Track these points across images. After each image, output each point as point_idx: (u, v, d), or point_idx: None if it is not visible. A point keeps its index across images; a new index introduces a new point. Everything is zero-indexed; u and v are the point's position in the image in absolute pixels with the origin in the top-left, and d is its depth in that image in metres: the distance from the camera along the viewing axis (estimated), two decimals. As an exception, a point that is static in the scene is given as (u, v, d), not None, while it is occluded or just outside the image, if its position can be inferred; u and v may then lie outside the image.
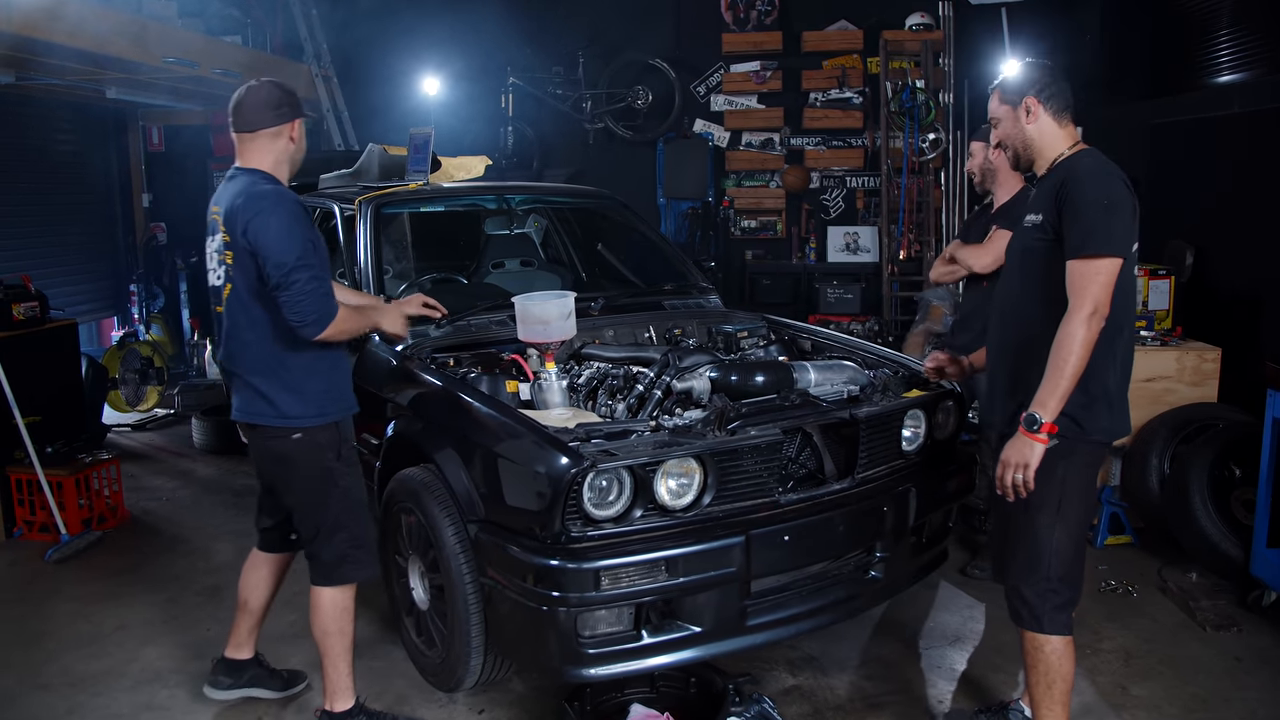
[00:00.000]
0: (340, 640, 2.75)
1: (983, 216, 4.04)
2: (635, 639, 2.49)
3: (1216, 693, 3.13)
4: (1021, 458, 2.30)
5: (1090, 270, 2.27)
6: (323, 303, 2.51)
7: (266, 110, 2.60)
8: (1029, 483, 2.31)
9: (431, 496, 2.72)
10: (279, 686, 3.11)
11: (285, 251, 2.47)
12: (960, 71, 7.42)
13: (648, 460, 2.42)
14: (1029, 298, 2.46)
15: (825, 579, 2.79)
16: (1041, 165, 2.51)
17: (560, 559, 2.35)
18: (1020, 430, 2.31)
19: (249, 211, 2.51)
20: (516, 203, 4.18)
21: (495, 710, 3.02)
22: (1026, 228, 2.48)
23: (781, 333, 3.68)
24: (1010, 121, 2.51)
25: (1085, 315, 2.25)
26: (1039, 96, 2.46)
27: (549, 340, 2.86)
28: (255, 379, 2.63)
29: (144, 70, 5.85)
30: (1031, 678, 2.55)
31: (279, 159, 2.64)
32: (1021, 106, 2.48)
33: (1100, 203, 2.30)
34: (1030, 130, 2.48)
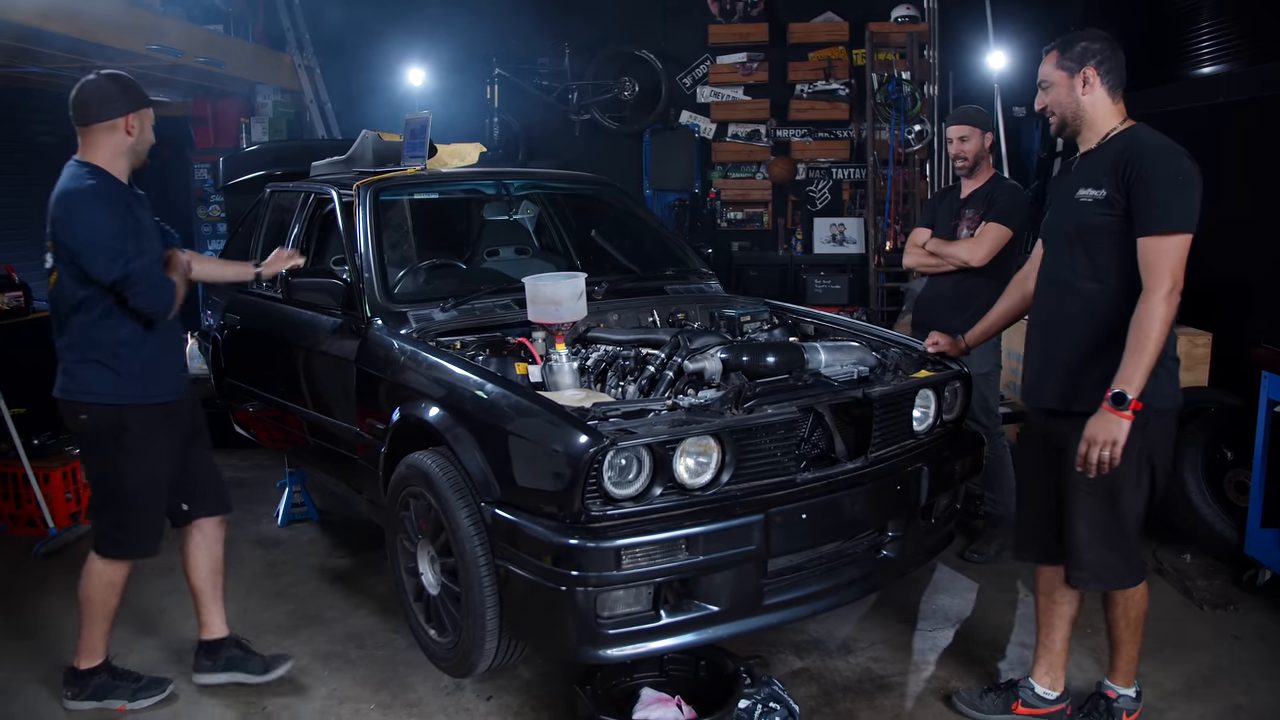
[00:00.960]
0: (99, 609, 2.90)
1: (948, 201, 4.04)
2: (654, 619, 2.47)
3: (1217, 669, 3.17)
4: (1109, 434, 2.32)
5: (1166, 247, 2.30)
6: (164, 287, 2.71)
7: (100, 104, 2.70)
8: (1116, 459, 2.34)
9: (444, 479, 2.69)
10: (259, 670, 3.11)
11: (107, 251, 2.60)
12: (945, 63, 7.47)
13: (667, 438, 2.40)
14: (1088, 273, 2.47)
15: (839, 558, 2.79)
16: (1090, 138, 2.51)
17: (580, 538, 2.33)
18: (1106, 408, 2.32)
19: (60, 210, 2.66)
20: (515, 188, 4.15)
21: (503, 696, 3.00)
22: (1084, 202, 2.46)
23: (784, 317, 3.68)
24: (1065, 89, 2.48)
25: (1165, 293, 2.29)
26: (1099, 68, 2.45)
27: (560, 321, 2.84)
28: (64, 357, 2.79)
29: (128, 58, 5.74)
30: (1119, 630, 2.67)
31: (115, 152, 2.73)
32: (1079, 76, 2.45)
33: (1175, 180, 2.32)
34: (1085, 101, 2.47)
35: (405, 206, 3.92)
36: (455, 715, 2.91)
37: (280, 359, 3.91)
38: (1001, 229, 3.74)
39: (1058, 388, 2.53)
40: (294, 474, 4.56)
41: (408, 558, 3.02)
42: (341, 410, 3.44)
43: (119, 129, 2.71)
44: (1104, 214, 2.41)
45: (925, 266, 3.96)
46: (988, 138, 3.91)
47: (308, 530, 4.48)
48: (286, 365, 3.85)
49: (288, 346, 3.82)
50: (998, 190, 3.86)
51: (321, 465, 3.82)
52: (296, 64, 7.45)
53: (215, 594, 3.15)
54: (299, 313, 3.74)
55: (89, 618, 2.92)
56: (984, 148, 3.89)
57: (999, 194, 3.83)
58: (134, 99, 2.75)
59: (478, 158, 4.53)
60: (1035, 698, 2.80)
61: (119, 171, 2.76)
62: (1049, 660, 2.80)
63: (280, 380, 3.94)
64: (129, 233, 2.66)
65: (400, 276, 3.57)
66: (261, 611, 3.63)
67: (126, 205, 2.72)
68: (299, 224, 4.01)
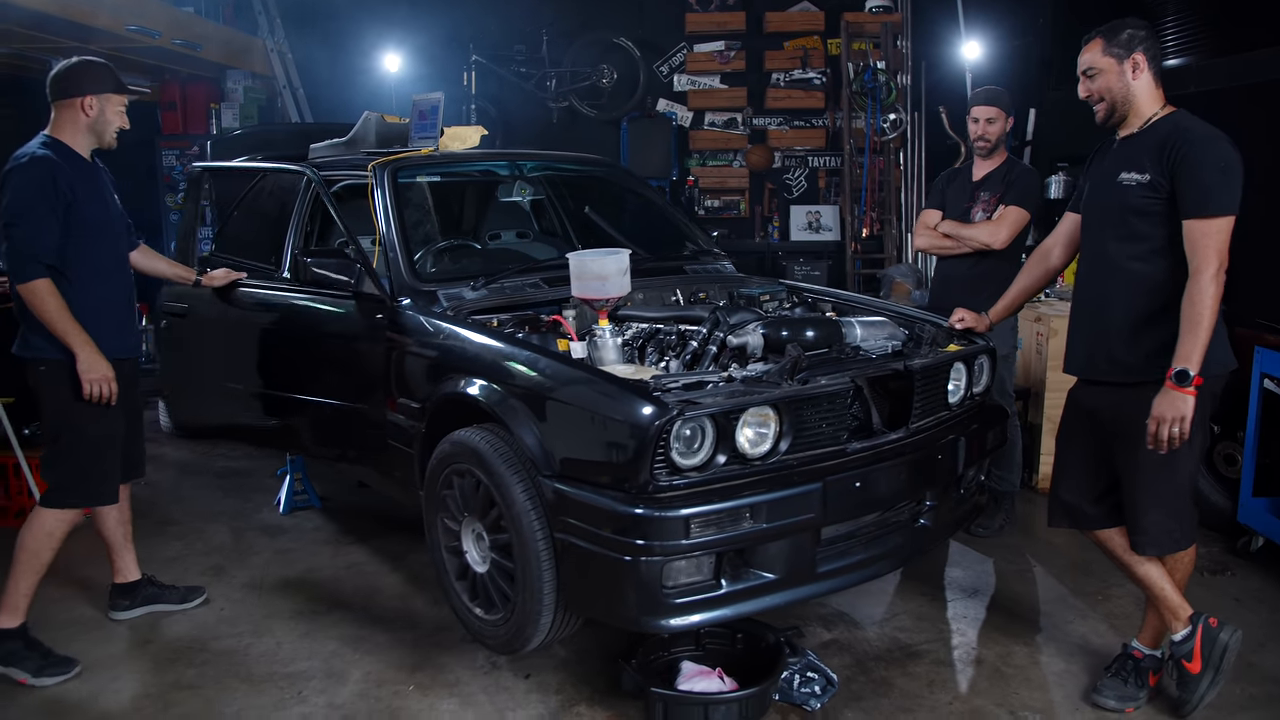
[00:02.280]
0: (33, 559, 3.01)
1: (959, 183, 4.06)
2: (715, 588, 2.50)
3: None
4: (1176, 412, 2.42)
5: (1212, 229, 2.41)
6: (22, 261, 2.86)
7: (60, 83, 2.98)
8: (1185, 434, 2.44)
9: (496, 455, 2.67)
10: (177, 599, 3.45)
11: (10, 208, 2.86)
12: (917, 53, 7.61)
13: (731, 407, 2.43)
14: (1131, 252, 2.56)
15: (883, 527, 2.84)
16: (1135, 122, 2.59)
17: (647, 508, 2.35)
18: (1170, 386, 2.43)
19: (6, 169, 2.92)
20: (528, 169, 4.13)
21: (541, 674, 3.00)
22: (1126, 185, 2.54)
23: (802, 295, 3.73)
24: (1114, 75, 2.56)
25: (1213, 273, 2.40)
26: (1146, 54, 2.53)
27: (605, 297, 2.85)
28: (21, 318, 3.00)
29: (106, 38, 5.58)
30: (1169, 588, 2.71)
31: (75, 129, 2.99)
32: (1129, 61, 2.54)
33: (1219, 164, 2.42)
34: (1135, 85, 2.55)
35: (423, 188, 3.87)
36: (496, 694, 2.90)
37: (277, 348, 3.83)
38: (1021, 212, 3.79)
39: (1109, 362, 2.63)
40: (294, 461, 4.48)
41: (450, 536, 3.00)
42: (364, 393, 3.39)
43: (76, 108, 2.96)
44: (1147, 197, 2.51)
45: (939, 249, 3.99)
46: (1009, 121, 3.95)
47: (312, 518, 4.42)
48: (287, 354, 3.77)
49: (287, 334, 3.74)
50: (1015, 173, 3.91)
51: (335, 452, 3.75)
52: (269, 48, 7.30)
53: (126, 542, 3.40)
54: (293, 298, 3.68)
55: (22, 567, 3.01)
56: (1005, 130, 3.93)
57: (1017, 177, 3.88)
58: (96, 82, 2.98)
59: (479, 141, 4.50)
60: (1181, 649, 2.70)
61: (80, 147, 3.01)
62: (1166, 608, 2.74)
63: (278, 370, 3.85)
64: (46, 205, 2.86)
65: (419, 256, 3.54)
66: (279, 599, 3.58)
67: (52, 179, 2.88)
68: (301, 206, 3.93)
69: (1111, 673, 2.85)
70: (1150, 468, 2.58)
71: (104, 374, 2.95)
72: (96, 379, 2.94)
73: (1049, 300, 4.95)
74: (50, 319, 2.89)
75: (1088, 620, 3.38)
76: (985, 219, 3.88)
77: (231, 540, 4.16)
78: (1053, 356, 4.54)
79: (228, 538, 4.19)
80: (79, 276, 2.98)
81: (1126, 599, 3.54)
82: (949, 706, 2.85)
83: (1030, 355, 4.72)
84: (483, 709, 2.83)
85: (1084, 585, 3.66)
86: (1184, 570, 2.75)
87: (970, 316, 3.22)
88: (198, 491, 4.81)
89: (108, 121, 3.02)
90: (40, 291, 2.87)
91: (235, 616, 3.44)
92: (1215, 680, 2.66)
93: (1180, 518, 2.64)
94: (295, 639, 3.26)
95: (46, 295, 2.87)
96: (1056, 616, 3.41)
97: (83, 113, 2.97)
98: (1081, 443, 2.77)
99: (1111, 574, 3.74)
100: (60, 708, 2.88)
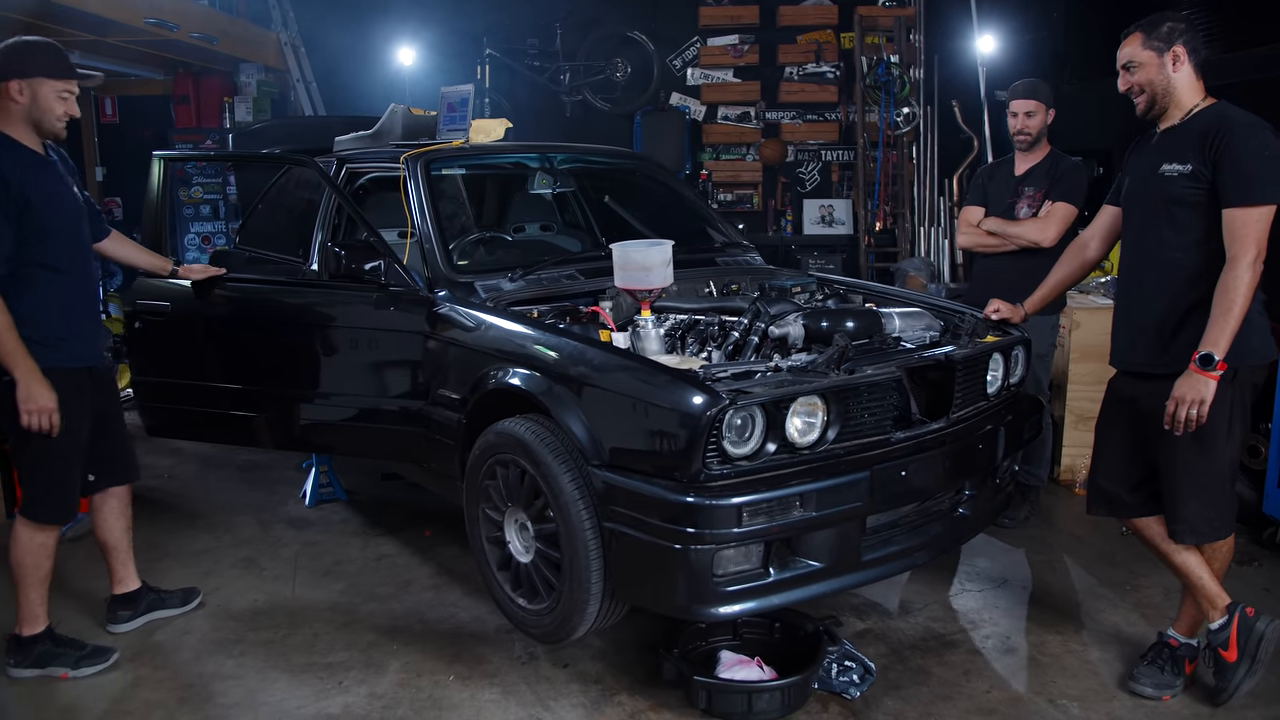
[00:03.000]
0: (34, 573, 2.94)
1: (1000, 178, 4.00)
2: (763, 576, 2.51)
3: (1257, 619, 3.33)
4: (1197, 394, 2.44)
5: (1252, 218, 2.42)
6: None
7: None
8: (1204, 416, 2.46)
9: (543, 445, 2.69)
10: (178, 603, 3.37)
11: None
12: (930, 47, 7.62)
13: (781, 397, 2.44)
14: (1174, 243, 2.58)
15: (924, 516, 2.86)
16: (1176, 114, 2.60)
17: (699, 496, 2.37)
18: (1194, 369, 2.45)
19: None
20: (559, 162, 4.13)
21: (580, 664, 3.02)
22: (1169, 176, 2.56)
23: (833, 287, 3.74)
24: (1155, 68, 2.57)
25: (1250, 261, 2.41)
26: (1186, 46, 2.54)
27: (649, 287, 2.86)
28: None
29: (119, 31, 5.57)
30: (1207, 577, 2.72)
31: (10, 118, 2.76)
32: (1169, 54, 2.55)
33: (1261, 154, 2.43)
34: (1176, 78, 2.56)
35: (456, 180, 3.88)
36: (536, 684, 2.92)
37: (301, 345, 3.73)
38: (1070, 208, 3.73)
39: (1149, 352, 2.65)
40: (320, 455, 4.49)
41: (492, 527, 3.01)
42: (400, 385, 3.40)
43: (6, 94, 2.73)
44: (1190, 188, 2.53)
45: (984, 247, 3.90)
46: (1051, 113, 3.87)
47: (338, 510, 4.42)
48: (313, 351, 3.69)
49: (313, 331, 3.66)
50: (1061, 167, 3.82)
51: (367, 447, 3.74)
52: (283, 42, 7.30)
53: (128, 551, 3.30)
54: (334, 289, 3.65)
55: (24, 583, 2.95)
56: (1046, 123, 3.85)
57: (1063, 172, 3.80)
58: (23, 65, 2.72)
59: (504, 133, 4.51)
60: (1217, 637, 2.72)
61: (22, 136, 2.77)
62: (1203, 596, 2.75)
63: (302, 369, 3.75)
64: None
65: (452, 248, 3.54)
66: (313, 590, 3.59)
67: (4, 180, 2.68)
68: (330, 198, 3.93)
69: (1148, 660, 2.87)
70: (1190, 457, 2.60)
71: (43, 405, 2.72)
72: (35, 409, 2.71)
73: (1069, 293, 4.97)
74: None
75: (1119, 610, 3.40)
76: (1031, 215, 3.82)
77: (260, 533, 4.17)
78: (1075, 349, 4.56)
79: (255, 530, 4.20)
80: (41, 281, 2.77)
81: (1155, 589, 3.56)
82: (987, 695, 2.87)
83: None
84: (524, 698, 2.84)
85: (1112, 575, 3.68)
86: (1222, 559, 2.77)
87: (1006, 307, 3.23)
88: (222, 485, 4.81)
89: (45, 109, 2.74)
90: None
91: (270, 609, 3.45)
92: (1252, 670, 2.68)
93: (1219, 507, 2.66)
94: (333, 630, 3.27)
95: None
96: (1087, 606, 3.43)
97: (12, 100, 2.71)
98: (1120, 432, 2.78)
99: (1139, 564, 3.76)
100: (105, 695, 2.90)
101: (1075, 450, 4.64)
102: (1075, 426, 4.63)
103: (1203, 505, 2.64)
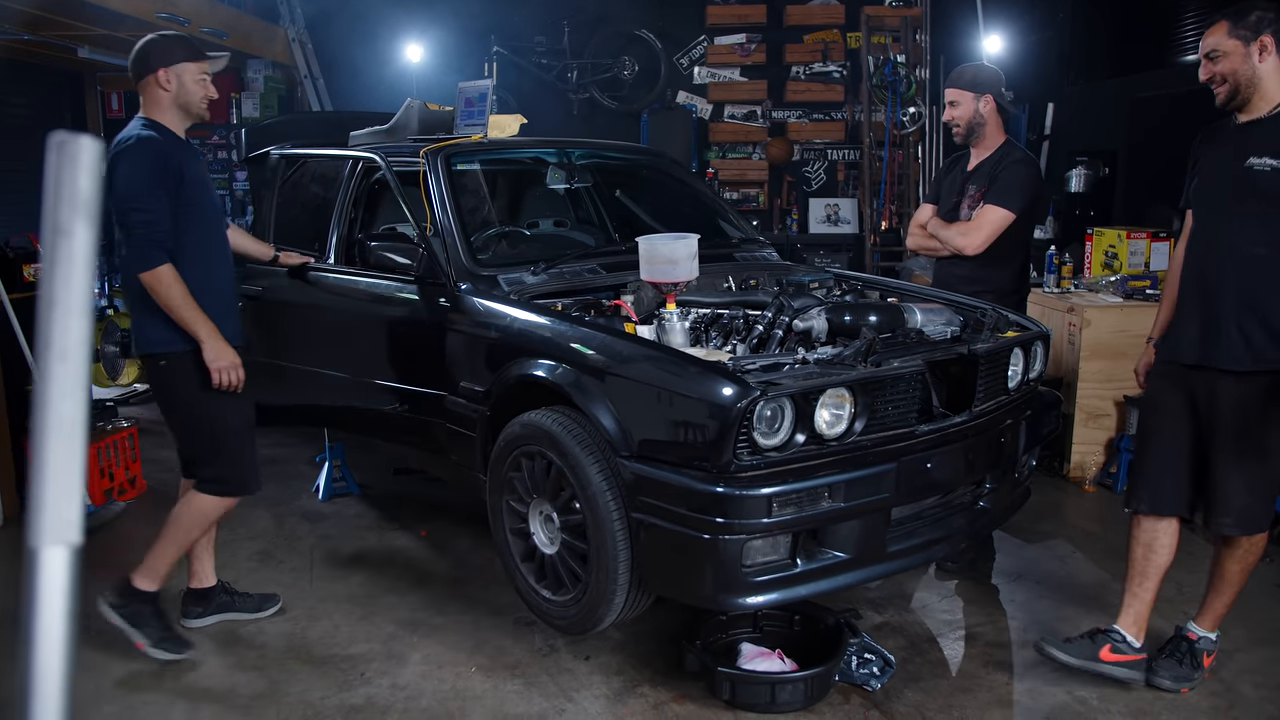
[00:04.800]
0: (184, 535, 3.01)
1: (954, 175, 3.74)
2: (790, 567, 2.53)
3: (1270, 615, 3.35)
4: None
5: None
6: (146, 247, 2.77)
7: (135, 65, 2.91)
8: None
9: (570, 436, 2.70)
10: (251, 608, 3.32)
11: (124, 191, 2.76)
12: (937, 47, 7.65)
13: (810, 388, 2.46)
14: (1259, 238, 2.53)
15: (947, 509, 2.88)
16: (1262, 106, 2.54)
17: (729, 486, 2.38)
18: None
19: (112, 150, 2.83)
20: (576, 157, 4.14)
21: (601, 656, 3.03)
22: (1258, 171, 2.51)
23: (850, 282, 3.76)
24: (1240, 57, 2.49)
25: None
26: (1275, 36, 2.47)
27: (675, 281, 2.87)
28: (134, 311, 2.93)
29: (130, 25, 5.57)
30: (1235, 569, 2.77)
31: (162, 106, 2.90)
32: (1257, 43, 2.47)
33: None
34: (1262, 68, 2.49)
35: (477, 174, 3.89)
36: (558, 676, 2.93)
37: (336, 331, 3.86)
38: (1000, 212, 3.43)
39: (1228, 349, 2.59)
40: (333, 448, 4.50)
41: (515, 519, 3.02)
42: (422, 376, 3.41)
43: (154, 85, 2.88)
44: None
45: (927, 250, 3.70)
46: (984, 101, 3.51)
47: (352, 504, 4.43)
48: (345, 336, 3.80)
49: (346, 317, 3.77)
50: (1004, 164, 3.52)
51: (391, 435, 3.77)
52: (290, 37, 7.30)
53: (210, 544, 3.31)
54: (353, 283, 3.70)
55: (168, 538, 2.99)
56: (978, 112, 3.52)
57: (1004, 169, 3.50)
58: (165, 55, 2.88)
59: (519, 129, 4.52)
60: (1124, 644, 2.89)
61: (173, 125, 2.92)
62: (1136, 610, 2.88)
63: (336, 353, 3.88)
64: (161, 187, 2.79)
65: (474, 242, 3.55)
66: (331, 583, 3.59)
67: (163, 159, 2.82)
68: (346, 192, 3.95)
69: (1166, 654, 2.89)
70: (1252, 455, 2.59)
71: (232, 360, 2.87)
72: (225, 366, 2.85)
73: (1079, 291, 5.00)
74: (175, 306, 2.78)
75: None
76: (970, 217, 3.55)
77: (274, 526, 4.18)
78: (1086, 347, 4.58)
79: (270, 523, 4.20)
80: (188, 262, 2.89)
81: (1169, 584, 3.54)
82: (1006, 687, 2.88)
83: (1062, 345, 4.76)
84: (547, 689, 2.85)
85: (1124, 570, 3.68)
86: (1254, 555, 2.78)
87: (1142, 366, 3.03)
88: (235, 478, 4.81)
89: (189, 92, 2.90)
90: (165, 278, 2.77)
91: (289, 601, 3.44)
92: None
93: (1266, 500, 2.68)
94: (352, 622, 3.27)
95: (172, 281, 2.78)
96: (1101, 600, 3.44)
97: (161, 88, 2.88)
98: (1171, 428, 2.74)
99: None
100: (131, 683, 2.90)
101: (1085, 448, 4.67)
102: (1085, 424, 4.66)
103: (1253, 499, 2.64)
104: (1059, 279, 5.08)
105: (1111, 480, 4.61)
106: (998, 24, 7.31)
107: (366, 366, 3.70)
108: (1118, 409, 4.64)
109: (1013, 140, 3.71)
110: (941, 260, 3.70)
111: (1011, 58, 7.29)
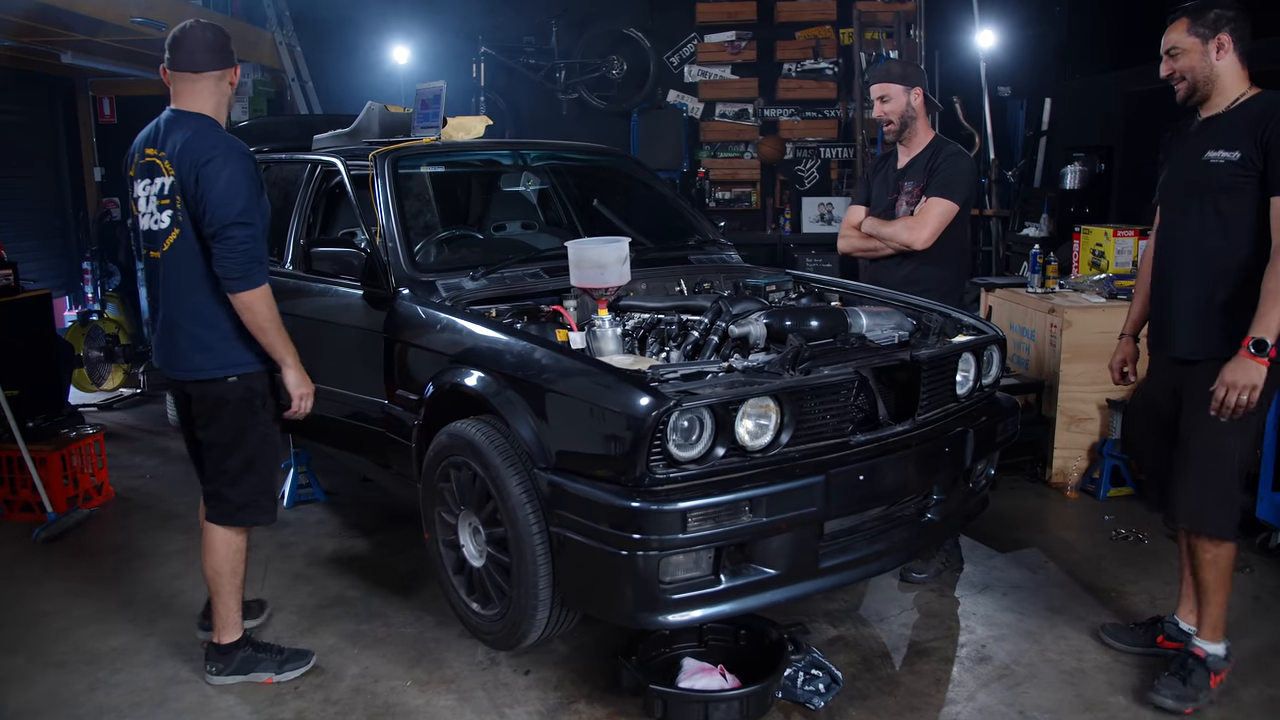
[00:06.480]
0: (232, 580, 2.87)
1: (884, 173, 3.66)
2: (714, 583, 2.44)
3: (1247, 627, 3.22)
4: (1249, 379, 2.43)
5: None
6: (250, 264, 2.56)
7: (215, 52, 2.63)
8: (1253, 402, 2.45)
9: (492, 447, 2.63)
10: (274, 667, 2.94)
11: (229, 203, 2.52)
12: (931, 42, 7.51)
13: (730, 399, 2.37)
14: (1217, 230, 2.56)
15: (888, 521, 2.78)
16: (1220, 102, 2.57)
17: (643, 501, 2.30)
18: (1245, 355, 2.43)
19: (204, 155, 2.54)
20: (532, 159, 4.08)
21: (541, 670, 2.96)
22: (1215, 164, 2.54)
23: (809, 285, 3.66)
24: (1198, 54, 2.53)
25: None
26: (1233, 34, 2.51)
27: (605, 286, 2.79)
28: (197, 327, 2.68)
29: (108, 31, 5.57)
30: (1208, 577, 2.70)
31: (220, 103, 2.68)
32: (1214, 41, 2.51)
33: None
34: (1219, 66, 2.52)
35: (424, 178, 3.83)
36: (495, 690, 2.86)
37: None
38: (945, 204, 3.39)
39: (1178, 340, 2.65)
40: (299, 454, 4.46)
41: (446, 530, 2.96)
42: (365, 383, 3.36)
43: (227, 79, 2.67)
44: (1238, 175, 2.50)
45: (863, 251, 3.59)
46: (915, 94, 3.47)
47: (315, 511, 4.39)
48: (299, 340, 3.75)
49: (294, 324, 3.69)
50: (939, 157, 3.46)
51: (338, 442, 3.72)
52: (278, 41, 7.28)
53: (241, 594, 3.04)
54: (306, 288, 3.64)
55: (223, 591, 2.86)
56: (910, 106, 3.46)
57: (941, 162, 3.44)
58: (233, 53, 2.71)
59: (484, 131, 4.46)
60: (1179, 632, 2.91)
61: (223, 124, 2.72)
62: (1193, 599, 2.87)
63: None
64: (259, 197, 2.63)
65: (420, 247, 3.49)
66: (282, 593, 3.55)
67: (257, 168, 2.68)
68: (304, 196, 3.91)
69: (1170, 671, 2.78)
70: (1200, 444, 2.58)
71: (312, 388, 2.76)
72: (307, 393, 2.74)
73: (1063, 291, 4.86)
74: (269, 327, 2.61)
75: (1101, 618, 3.30)
76: (909, 214, 3.48)
77: (235, 534, 4.14)
78: (1067, 349, 4.46)
79: (231, 531, 4.17)
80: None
81: (1141, 596, 3.46)
82: (956, 706, 2.78)
83: (1044, 347, 4.63)
84: (480, 705, 2.79)
85: (1097, 581, 3.58)
86: (1226, 560, 2.71)
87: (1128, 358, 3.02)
88: (202, 485, 4.79)
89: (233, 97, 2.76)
90: (267, 297, 2.60)
91: (240, 611, 3.41)
92: None
93: (1220, 502, 2.62)
94: (295, 635, 3.22)
95: (272, 301, 2.62)
96: (1068, 613, 3.33)
97: (230, 84, 2.68)
98: (1160, 422, 2.77)
99: (1125, 570, 3.67)
100: (57, 699, 2.86)
101: (1067, 452, 4.54)
102: (1067, 428, 4.53)
103: (1205, 492, 2.62)
104: (1043, 279, 4.94)
105: (1094, 486, 4.48)
106: (993, 18, 7.16)
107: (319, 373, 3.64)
108: (1101, 412, 4.51)
109: (942, 135, 3.70)
110: (879, 261, 3.61)
111: (1007, 52, 7.15)
